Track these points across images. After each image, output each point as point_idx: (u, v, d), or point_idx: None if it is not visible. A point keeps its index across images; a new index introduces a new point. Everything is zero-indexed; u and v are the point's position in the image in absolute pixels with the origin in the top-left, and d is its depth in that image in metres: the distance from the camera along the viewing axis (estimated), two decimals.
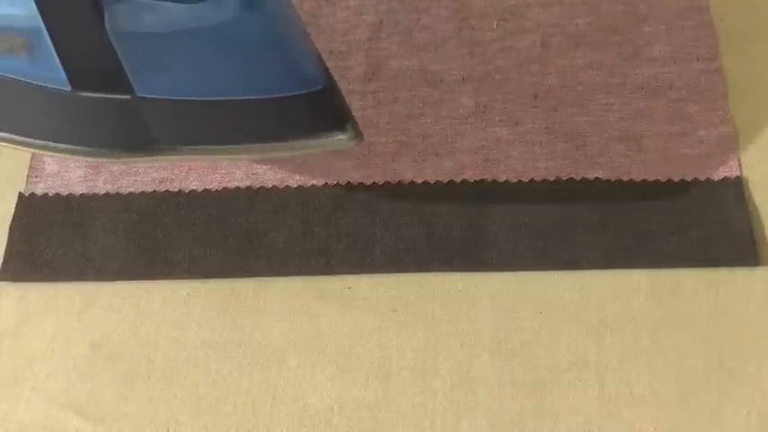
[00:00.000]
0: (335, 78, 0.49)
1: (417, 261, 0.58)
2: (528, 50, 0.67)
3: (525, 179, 0.61)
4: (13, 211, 0.62)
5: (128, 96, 0.49)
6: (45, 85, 0.49)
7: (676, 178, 0.61)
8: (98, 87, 0.49)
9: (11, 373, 0.56)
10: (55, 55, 0.47)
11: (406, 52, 0.67)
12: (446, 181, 0.61)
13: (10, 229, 0.61)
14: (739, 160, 0.61)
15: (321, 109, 0.51)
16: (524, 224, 0.59)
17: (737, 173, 0.61)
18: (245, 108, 0.50)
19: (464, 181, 0.61)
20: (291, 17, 0.49)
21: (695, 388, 0.53)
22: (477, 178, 0.61)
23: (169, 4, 0.46)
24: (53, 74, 0.48)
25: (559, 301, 0.57)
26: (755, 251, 0.58)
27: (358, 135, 0.53)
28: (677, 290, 0.57)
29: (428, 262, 0.58)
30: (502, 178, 0.61)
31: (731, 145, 0.62)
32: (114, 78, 0.48)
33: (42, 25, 0.46)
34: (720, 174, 0.61)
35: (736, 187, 0.60)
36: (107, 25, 0.46)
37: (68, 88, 0.49)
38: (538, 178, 0.61)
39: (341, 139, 0.52)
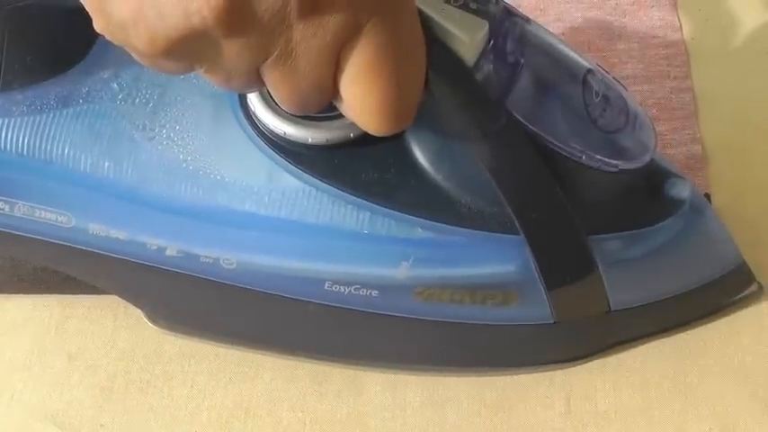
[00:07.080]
0: None
1: None
2: None
3: None
4: None
5: (603, 313, 0.52)
6: (526, 323, 0.52)
7: None
8: (580, 314, 0.52)
9: None
10: (545, 298, 0.50)
11: None
12: None
13: None
14: (707, 179, 0.62)
15: (737, 278, 0.56)
16: None
17: (705, 191, 0.61)
18: (692, 296, 0.54)
19: None
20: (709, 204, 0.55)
21: (659, 403, 0.54)
22: None
23: (646, 230, 0.50)
24: (539, 313, 0.51)
25: None
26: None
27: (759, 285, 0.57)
28: None
29: None
30: None
31: (699, 164, 0.63)
32: (596, 305, 0.52)
33: (537, 277, 0.49)
34: None
35: None
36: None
37: (551, 321, 0.51)
38: None
39: (752, 292, 0.57)
